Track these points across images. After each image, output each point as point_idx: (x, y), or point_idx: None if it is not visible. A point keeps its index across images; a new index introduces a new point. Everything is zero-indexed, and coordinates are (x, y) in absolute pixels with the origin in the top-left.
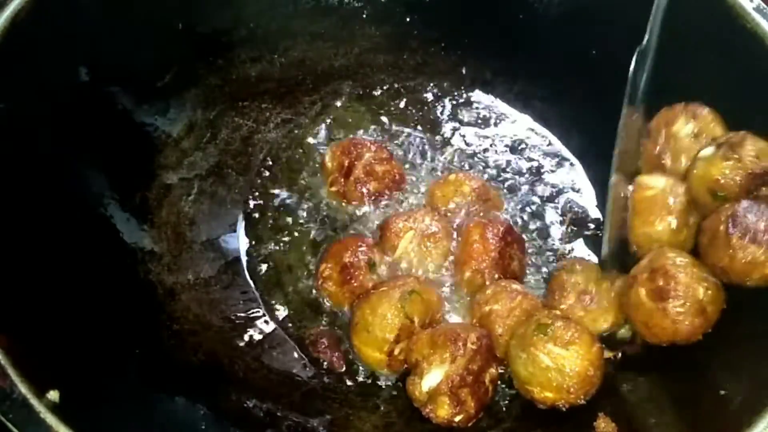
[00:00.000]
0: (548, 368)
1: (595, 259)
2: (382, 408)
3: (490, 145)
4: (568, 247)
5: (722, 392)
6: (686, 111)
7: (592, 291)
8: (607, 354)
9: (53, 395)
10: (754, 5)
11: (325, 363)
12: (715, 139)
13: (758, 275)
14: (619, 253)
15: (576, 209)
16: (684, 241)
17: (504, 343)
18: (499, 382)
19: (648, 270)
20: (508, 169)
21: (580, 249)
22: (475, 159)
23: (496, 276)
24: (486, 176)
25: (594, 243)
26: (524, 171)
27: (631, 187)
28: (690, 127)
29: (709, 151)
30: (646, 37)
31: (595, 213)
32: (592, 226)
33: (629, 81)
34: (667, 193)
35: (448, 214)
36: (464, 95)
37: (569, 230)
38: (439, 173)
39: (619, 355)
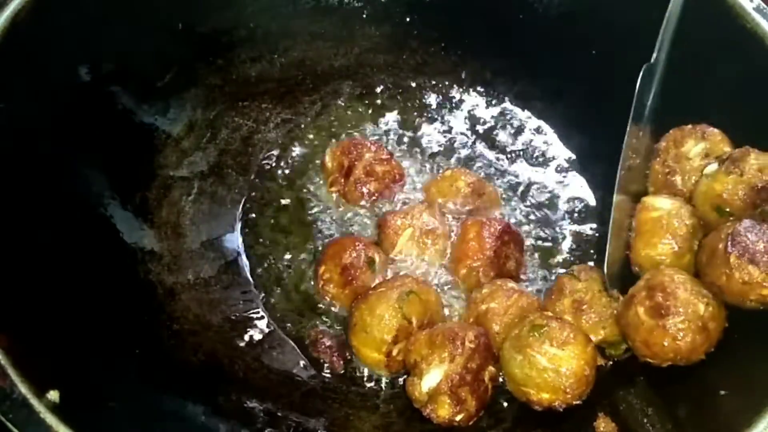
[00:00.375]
0: (545, 369)
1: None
2: (381, 408)
3: (490, 145)
4: (567, 247)
5: (722, 392)
6: (696, 131)
7: (589, 302)
8: (599, 361)
9: (53, 395)
10: (754, 5)
11: (325, 363)
12: (719, 156)
13: (755, 296)
14: (622, 274)
15: (575, 209)
16: (687, 265)
17: (502, 341)
18: (499, 381)
19: (646, 288)
20: (507, 169)
21: (579, 249)
22: (475, 158)
23: (492, 274)
24: (486, 175)
25: (592, 244)
26: (524, 170)
27: (636, 206)
28: (700, 147)
29: (712, 167)
30: (655, 54)
31: (594, 213)
32: (594, 225)
33: (635, 98)
34: (673, 215)
35: (445, 210)
36: (464, 95)
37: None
38: (439, 173)
39: (609, 363)
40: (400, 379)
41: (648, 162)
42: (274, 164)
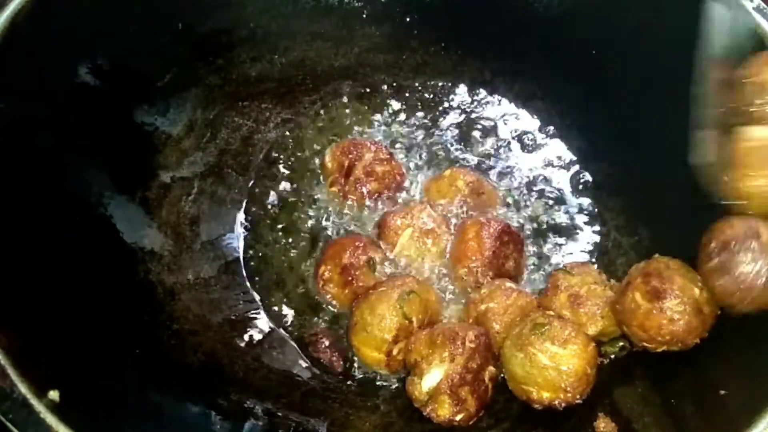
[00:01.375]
0: (546, 367)
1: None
2: (382, 408)
3: (491, 145)
4: (567, 247)
5: (722, 392)
6: None
7: (584, 296)
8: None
9: (53, 395)
10: (754, 5)
11: (325, 363)
12: None
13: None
14: None
15: (575, 209)
16: None
17: (502, 341)
18: (499, 380)
19: (642, 274)
20: (508, 169)
21: (579, 249)
22: (475, 159)
23: (490, 275)
24: (486, 175)
25: (592, 244)
26: (524, 171)
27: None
28: None
29: None
30: None
31: (594, 212)
32: (594, 225)
33: (704, 33)
34: None
35: (445, 209)
36: (464, 95)
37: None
38: (438, 172)
39: (606, 361)
40: (400, 379)
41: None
42: (274, 164)
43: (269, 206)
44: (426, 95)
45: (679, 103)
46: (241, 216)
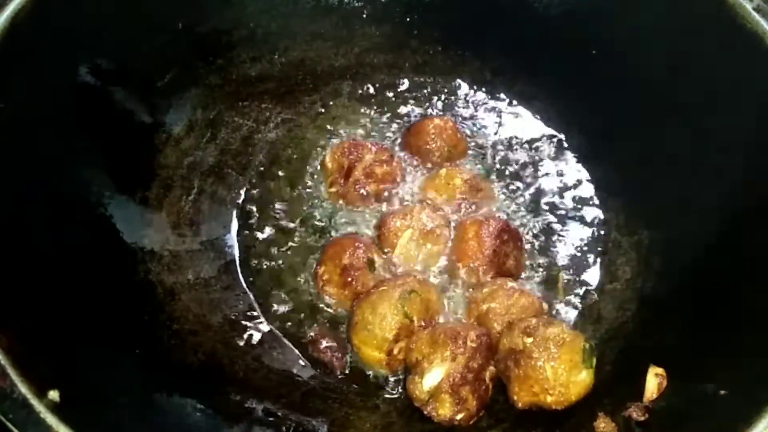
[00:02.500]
0: (544, 371)
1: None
2: (382, 408)
3: (490, 145)
4: (566, 245)
5: (722, 392)
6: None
7: None
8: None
9: (53, 395)
10: (754, 5)
11: (325, 363)
12: None
13: None
14: None
15: (575, 208)
16: None
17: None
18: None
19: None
20: (508, 168)
21: (579, 247)
22: (475, 158)
23: (491, 274)
24: (486, 174)
25: (591, 241)
26: (524, 170)
27: None
28: None
29: None
30: None
31: (594, 211)
32: (594, 223)
33: None
34: None
35: (443, 208)
36: (464, 95)
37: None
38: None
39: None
40: (400, 379)
41: None
42: (274, 164)
43: (269, 206)
44: (426, 95)
45: (678, 102)
46: (240, 216)
